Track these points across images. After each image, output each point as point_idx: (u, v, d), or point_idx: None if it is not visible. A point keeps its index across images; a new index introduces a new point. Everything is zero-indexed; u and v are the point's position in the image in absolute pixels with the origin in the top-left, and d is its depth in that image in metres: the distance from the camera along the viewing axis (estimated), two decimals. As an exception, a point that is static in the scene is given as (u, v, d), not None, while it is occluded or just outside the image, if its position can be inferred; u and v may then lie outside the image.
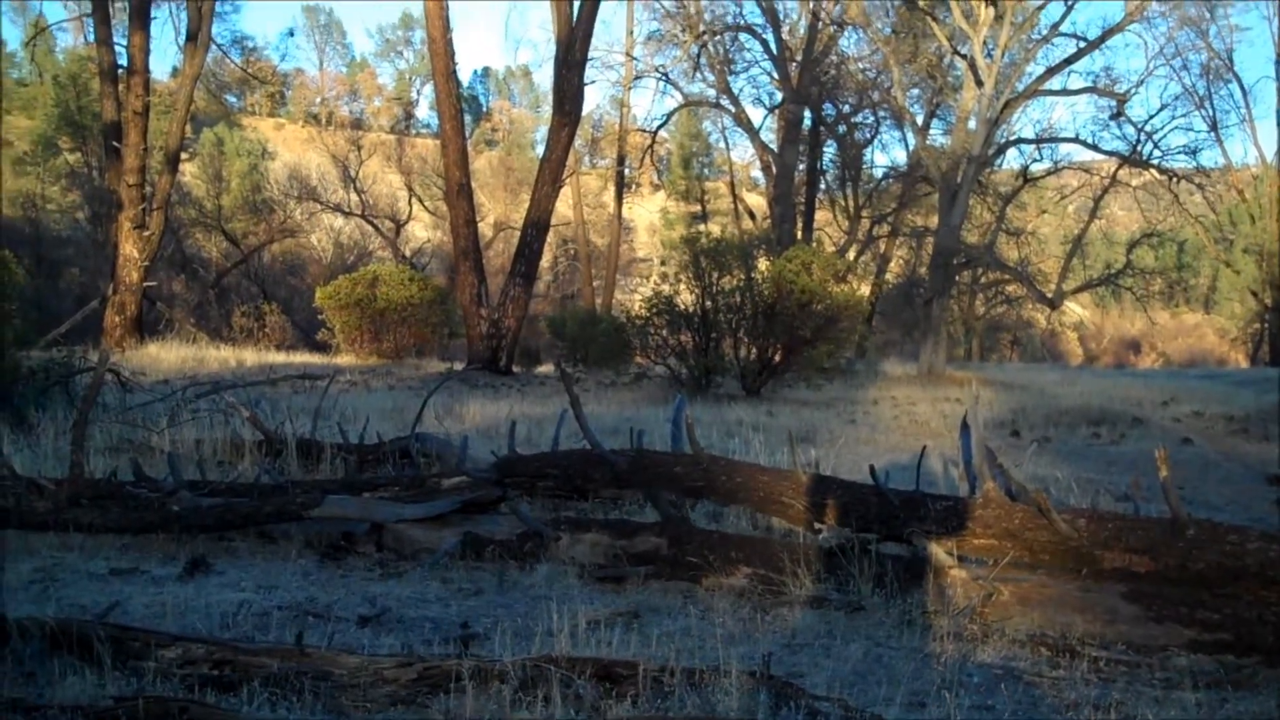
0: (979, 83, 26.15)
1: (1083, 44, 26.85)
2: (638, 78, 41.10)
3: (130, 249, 26.27)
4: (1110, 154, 29.52)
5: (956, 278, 31.00)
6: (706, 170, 63.33)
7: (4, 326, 11.94)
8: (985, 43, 26.15)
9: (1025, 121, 49.65)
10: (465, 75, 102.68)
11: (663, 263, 37.64)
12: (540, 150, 32.57)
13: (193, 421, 10.95)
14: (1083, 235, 33.27)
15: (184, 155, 39.70)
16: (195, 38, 27.89)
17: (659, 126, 43.47)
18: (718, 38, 37.78)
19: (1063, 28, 27.38)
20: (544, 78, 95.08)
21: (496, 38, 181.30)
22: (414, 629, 4.89)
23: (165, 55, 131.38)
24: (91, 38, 33.46)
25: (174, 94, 34.48)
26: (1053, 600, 5.04)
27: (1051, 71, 27.20)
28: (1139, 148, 28.40)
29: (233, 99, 77.66)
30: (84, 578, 5.67)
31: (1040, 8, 27.47)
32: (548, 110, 34.73)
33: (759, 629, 4.99)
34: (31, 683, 3.89)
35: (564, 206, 41.82)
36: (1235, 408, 18.62)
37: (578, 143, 38.99)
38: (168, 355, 23.00)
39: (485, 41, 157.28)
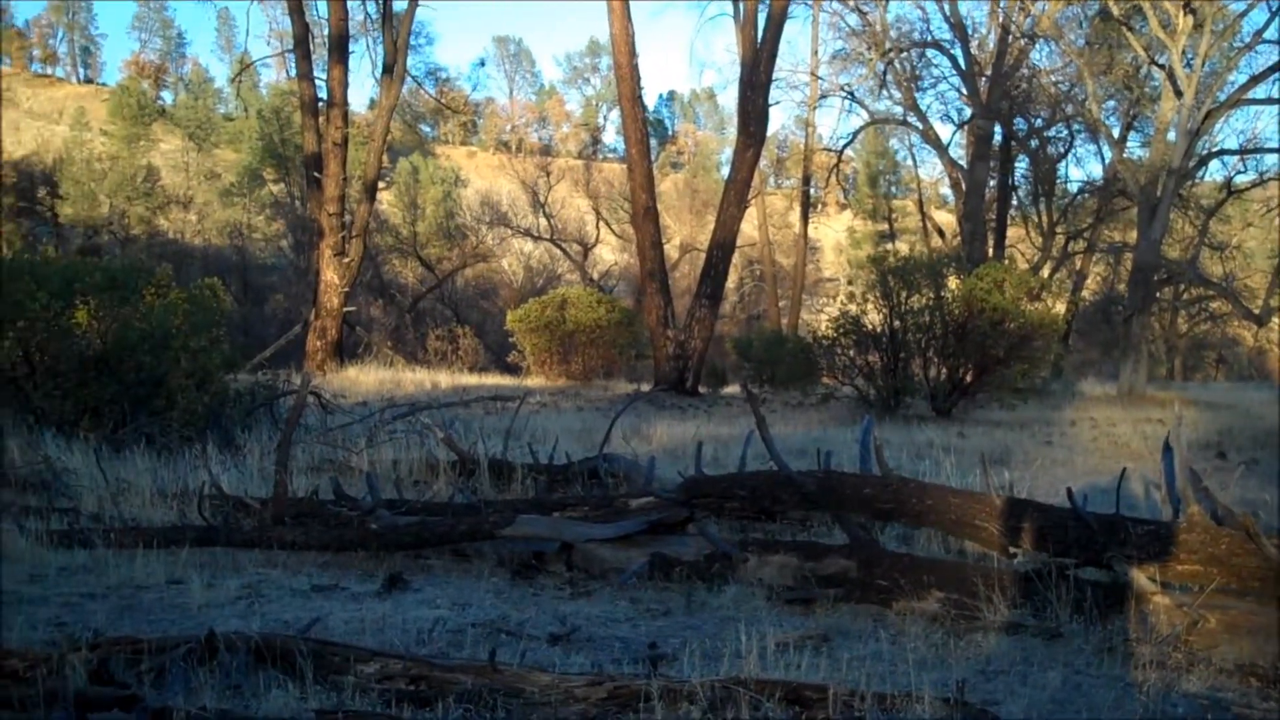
0: (1178, 93, 25.25)
1: (1289, 51, 25.70)
2: (823, 97, 40.91)
3: (331, 275, 27.20)
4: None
5: (1157, 294, 29.99)
6: (893, 188, 62.72)
7: (213, 351, 12.46)
8: (1184, 52, 25.25)
9: (1228, 132, 47.59)
10: (651, 100, 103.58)
11: (849, 282, 37.33)
12: (725, 172, 32.66)
13: (390, 442, 11.24)
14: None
15: (381, 184, 41.01)
16: (391, 70, 28.81)
17: (845, 145, 43.17)
18: (904, 54, 37.35)
19: (1266, 34, 26.24)
20: (728, 100, 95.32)
21: (682, 62, 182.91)
22: (603, 648, 4.92)
23: (363, 88, 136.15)
24: (293, 73, 34.83)
25: (371, 125, 35.63)
26: (1263, 629, 4.81)
27: (1255, 80, 26.08)
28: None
29: (427, 128, 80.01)
30: (287, 594, 5.86)
31: (1242, 15, 26.45)
32: (732, 132, 34.81)
33: (952, 655, 4.89)
34: (238, 695, 4.03)
35: (749, 227, 41.86)
36: None
37: (763, 163, 39.00)
38: (366, 378, 23.72)
39: (671, 66, 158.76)
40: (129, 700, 3.64)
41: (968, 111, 37.18)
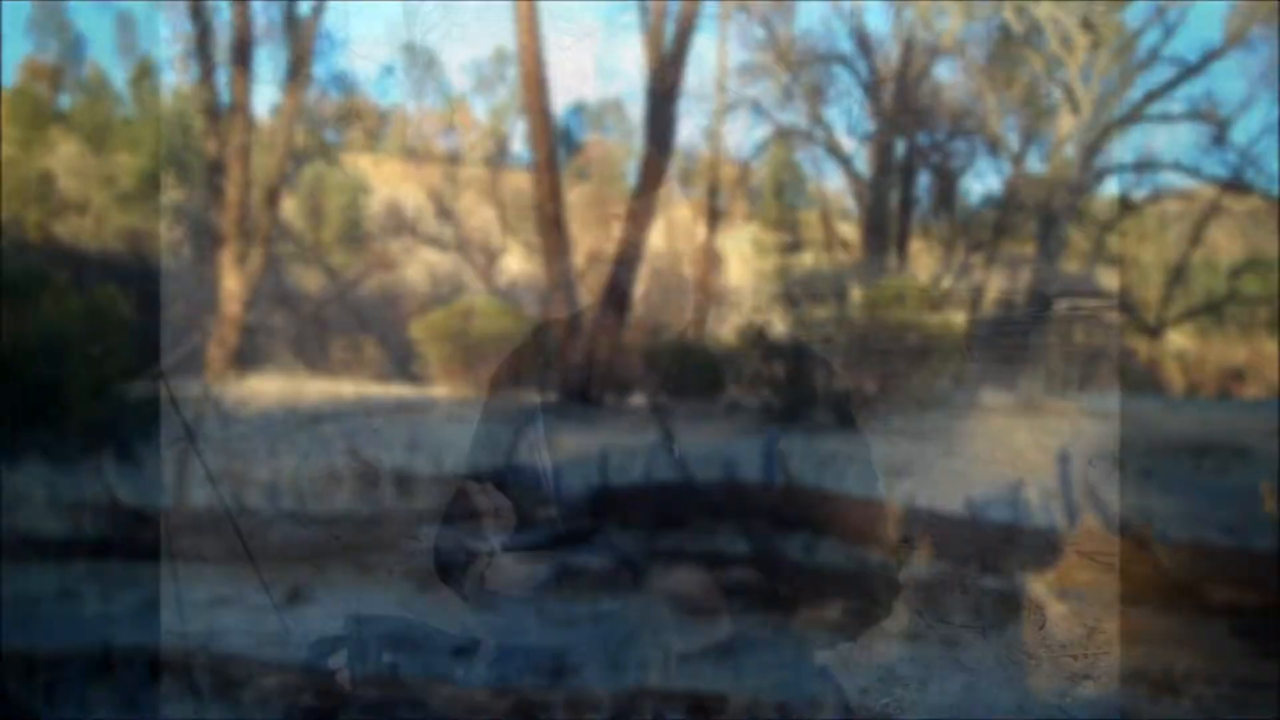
0: (1076, 109, 25.82)
1: (1183, 69, 26.37)
2: (730, 108, 41.25)
3: (231, 283, 26.81)
4: (1212, 180, 28.94)
5: (1054, 306, 30.57)
6: (799, 200, 63.31)
7: (109, 360, 12.22)
8: (1082, 69, 25.82)
9: (1124, 148, 48.92)
10: (558, 109, 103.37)
11: (755, 293, 37.55)
12: (633, 182, 32.77)
13: (292, 452, 11.11)
14: (1184, 263, 32.61)
15: (284, 191, 40.49)
16: (296, 76, 28.51)
17: (751, 157, 43.52)
18: (810, 67, 37.79)
19: (1163, 53, 26.88)
20: (637, 109, 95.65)
21: (590, 71, 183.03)
22: (508, 659, 4.90)
23: (266, 93, 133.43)
24: (194, 76, 34.29)
25: (274, 131, 35.21)
26: (1157, 636, 4.93)
27: (1151, 97, 26.66)
28: (1242, 173, 27.81)
29: (331, 135, 79.22)
30: (185, 606, 5.76)
31: (1139, 33, 27.06)
32: (640, 142, 34.92)
33: (853, 663, 4.94)
34: (135, 710, 3.96)
35: (656, 238, 42.04)
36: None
37: (670, 174, 39.11)
38: (268, 387, 23.36)
39: (579, 75, 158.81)
40: (22, 718, 3.56)
41: (871, 125, 37.70)
